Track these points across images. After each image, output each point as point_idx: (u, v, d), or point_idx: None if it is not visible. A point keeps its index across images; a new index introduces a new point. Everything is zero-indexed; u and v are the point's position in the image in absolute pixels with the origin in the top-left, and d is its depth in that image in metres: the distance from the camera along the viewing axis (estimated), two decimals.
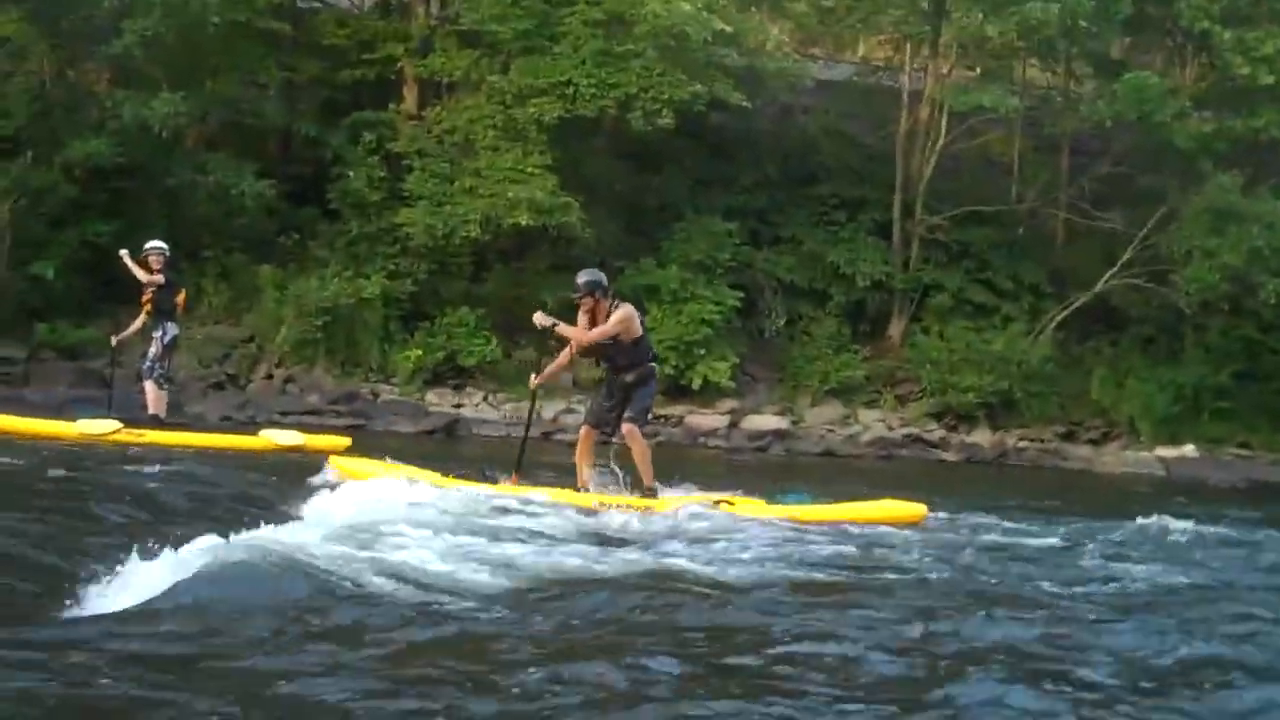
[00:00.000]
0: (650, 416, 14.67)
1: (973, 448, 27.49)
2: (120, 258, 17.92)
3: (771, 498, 13.62)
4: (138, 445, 15.67)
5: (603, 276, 13.74)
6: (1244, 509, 18.69)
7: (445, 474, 13.44)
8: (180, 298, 18.05)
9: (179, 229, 25.41)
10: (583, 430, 14.02)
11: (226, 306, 26.39)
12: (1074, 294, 29.68)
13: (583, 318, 13.50)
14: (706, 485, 13.85)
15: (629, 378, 13.58)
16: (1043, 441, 28.06)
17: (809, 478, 18.56)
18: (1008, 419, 28.28)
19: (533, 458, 14.59)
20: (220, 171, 25.41)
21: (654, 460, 13.60)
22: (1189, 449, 27.86)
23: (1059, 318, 29.43)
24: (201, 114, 26.55)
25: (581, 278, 13.54)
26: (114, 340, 18.25)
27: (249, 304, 26.27)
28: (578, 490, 13.36)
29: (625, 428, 13.47)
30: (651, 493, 13.30)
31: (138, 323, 17.89)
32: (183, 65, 26.43)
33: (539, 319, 13.53)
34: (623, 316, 13.39)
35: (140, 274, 17.55)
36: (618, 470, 13.58)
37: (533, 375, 14.21)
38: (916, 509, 13.43)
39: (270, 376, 25.57)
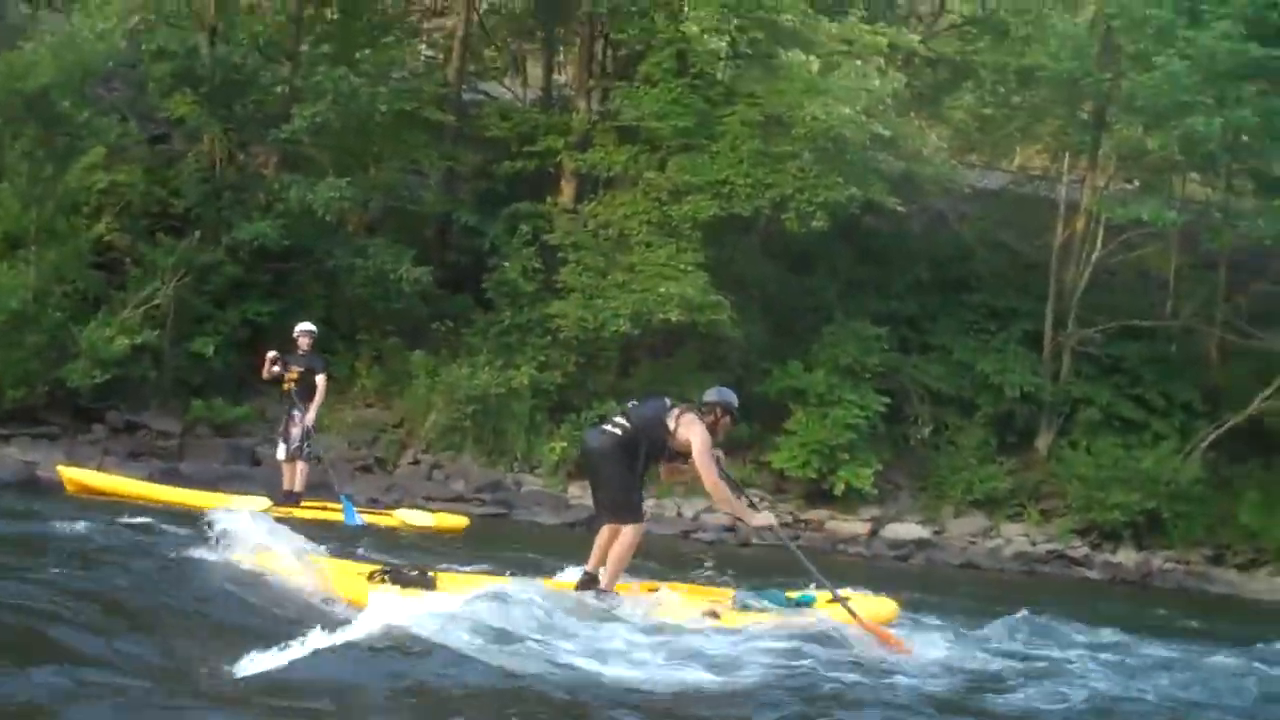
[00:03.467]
0: None
1: (1117, 567, 26.96)
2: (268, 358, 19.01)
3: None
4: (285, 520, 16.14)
5: None
6: None
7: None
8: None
9: (337, 311, 26.22)
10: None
11: (378, 390, 26.72)
12: (1227, 414, 29.01)
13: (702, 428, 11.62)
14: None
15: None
16: (1189, 564, 27.47)
17: (949, 590, 18.37)
18: (1153, 539, 27.71)
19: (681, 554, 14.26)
20: (380, 256, 25.86)
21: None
22: None
23: (1210, 438, 28.76)
24: (364, 199, 27.16)
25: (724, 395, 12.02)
26: (309, 425, 18.78)
27: (400, 388, 26.54)
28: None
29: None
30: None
31: (312, 412, 18.84)
32: (348, 151, 27.15)
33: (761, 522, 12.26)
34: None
35: (272, 369, 18.88)
36: None
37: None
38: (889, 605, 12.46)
39: (417, 461, 25.75)
